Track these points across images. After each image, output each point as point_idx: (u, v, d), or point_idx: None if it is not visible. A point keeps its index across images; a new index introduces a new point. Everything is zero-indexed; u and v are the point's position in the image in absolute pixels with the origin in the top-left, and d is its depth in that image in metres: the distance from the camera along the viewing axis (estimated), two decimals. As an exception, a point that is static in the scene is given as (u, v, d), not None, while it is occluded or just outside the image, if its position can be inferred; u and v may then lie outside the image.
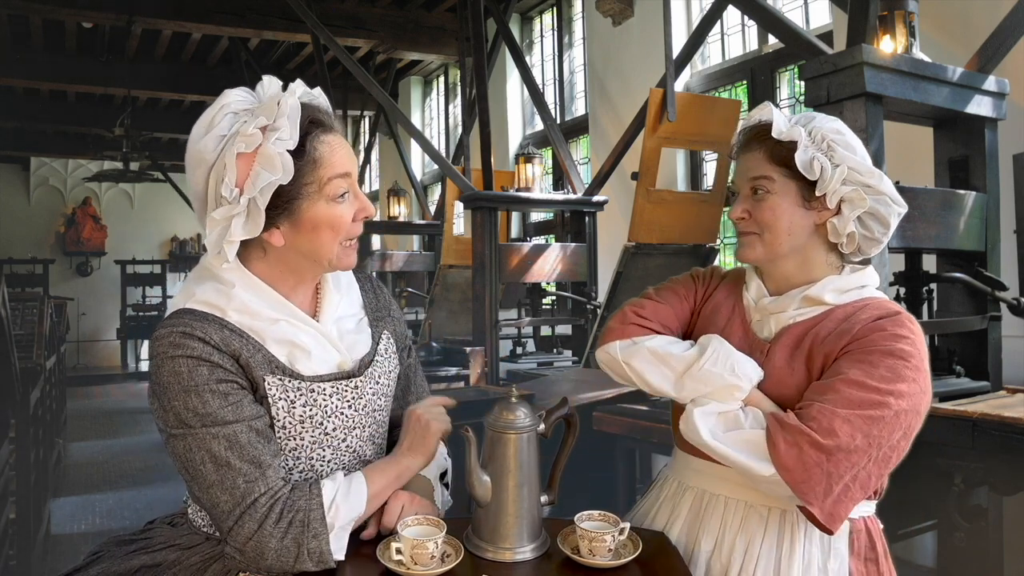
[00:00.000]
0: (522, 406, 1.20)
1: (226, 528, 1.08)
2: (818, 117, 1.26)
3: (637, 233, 3.93)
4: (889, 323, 1.18)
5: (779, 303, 1.27)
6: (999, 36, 2.64)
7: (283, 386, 1.15)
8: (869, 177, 1.22)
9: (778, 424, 1.13)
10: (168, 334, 1.10)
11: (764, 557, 1.21)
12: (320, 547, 1.07)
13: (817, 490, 1.09)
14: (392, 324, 1.36)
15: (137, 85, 8.00)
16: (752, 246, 1.27)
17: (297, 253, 1.17)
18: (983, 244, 2.67)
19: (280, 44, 7.67)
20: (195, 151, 1.12)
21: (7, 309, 3.50)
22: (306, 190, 1.13)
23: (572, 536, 1.17)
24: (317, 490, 1.10)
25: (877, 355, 1.14)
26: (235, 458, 1.07)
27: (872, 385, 1.12)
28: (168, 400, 1.09)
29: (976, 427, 2.14)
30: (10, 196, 12.67)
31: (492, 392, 3.64)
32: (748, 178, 1.27)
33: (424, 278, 6.99)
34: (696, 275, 1.43)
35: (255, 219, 1.11)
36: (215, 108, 1.13)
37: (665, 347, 1.27)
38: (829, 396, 1.13)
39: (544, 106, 5.37)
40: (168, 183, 10.66)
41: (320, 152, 1.14)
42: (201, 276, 1.18)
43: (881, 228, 1.25)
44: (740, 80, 4.92)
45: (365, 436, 1.25)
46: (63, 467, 6.26)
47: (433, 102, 8.94)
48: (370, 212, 1.20)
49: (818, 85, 2.38)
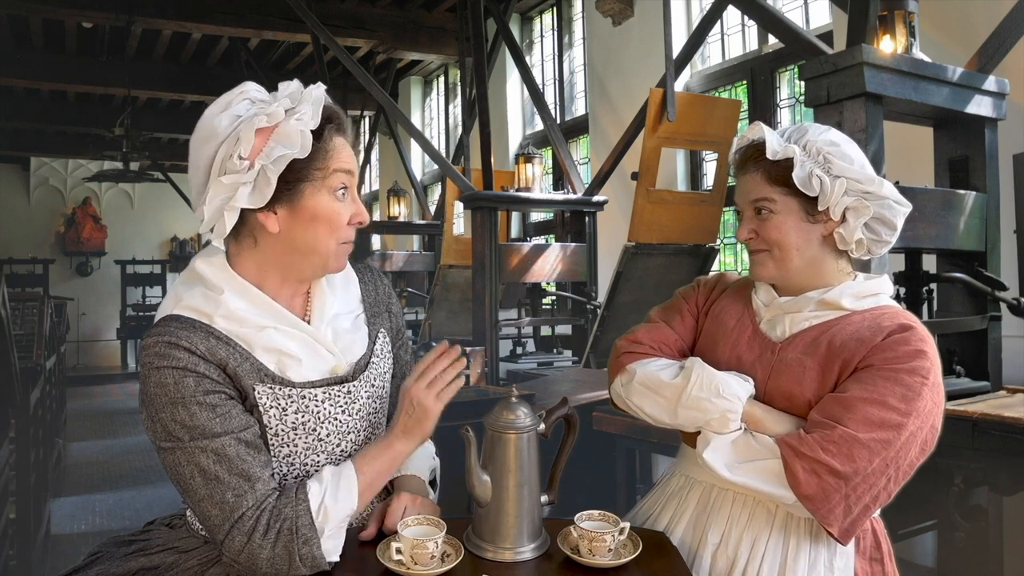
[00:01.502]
0: (522, 406, 1.20)
1: (218, 540, 1.08)
2: (811, 130, 1.25)
3: (637, 233, 3.93)
4: (912, 336, 1.18)
5: (795, 303, 1.27)
6: (999, 36, 2.64)
7: (274, 394, 1.14)
8: (869, 184, 1.22)
9: (793, 452, 1.13)
10: (154, 344, 1.09)
11: (770, 552, 1.21)
12: (311, 552, 1.07)
13: (837, 512, 1.11)
14: (389, 320, 1.34)
15: (137, 85, 7.99)
16: (764, 264, 1.28)
17: (290, 246, 1.15)
18: (983, 244, 2.67)
19: (280, 44, 7.67)
20: (207, 126, 1.12)
21: (7, 309, 3.50)
22: (314, 175, 1.13)
23: (572, 536, 1.17)
24: (303, 495, 1.08)
25: (899, 372, 1.14)
26: (224, 471, 1.07)
27: (892, 405, 1.12)
28: (156, 412, 1.08)
29: (976, 427, 2.15)
30: (10, 196, 12.67)
31: (492, 392, 3.64)
32: (749, 200, 1.27)
33: (424, 278, 7.00)
34: (700, 281, 1.45)
35: (262, 189, 1.10)
36: (233, 92, 1.14)
37: (655, 376, 1.27)
38: (849, 416, 1.13)
39: (544, 106, 5.38)
40: (168, 183, 10.67)
41: (333, 144, 1.15)
42: (189, 280, 1.17)
43: (888, 231, 1.25)
44: (740, 80, 4.92)
45: (360, 440, 1.24)
46: (63, 467, 6.25)
47: (433, 102, 8.94)
48: (364, 219, 1.19)
49: (818, 85, 2.38)
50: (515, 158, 5.92)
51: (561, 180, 6.11)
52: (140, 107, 9.26)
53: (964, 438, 2.15)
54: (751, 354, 1.28)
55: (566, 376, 4.12)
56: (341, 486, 1.11)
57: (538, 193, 5.18)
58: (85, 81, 7.95)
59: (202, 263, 1.16)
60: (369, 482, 1.15)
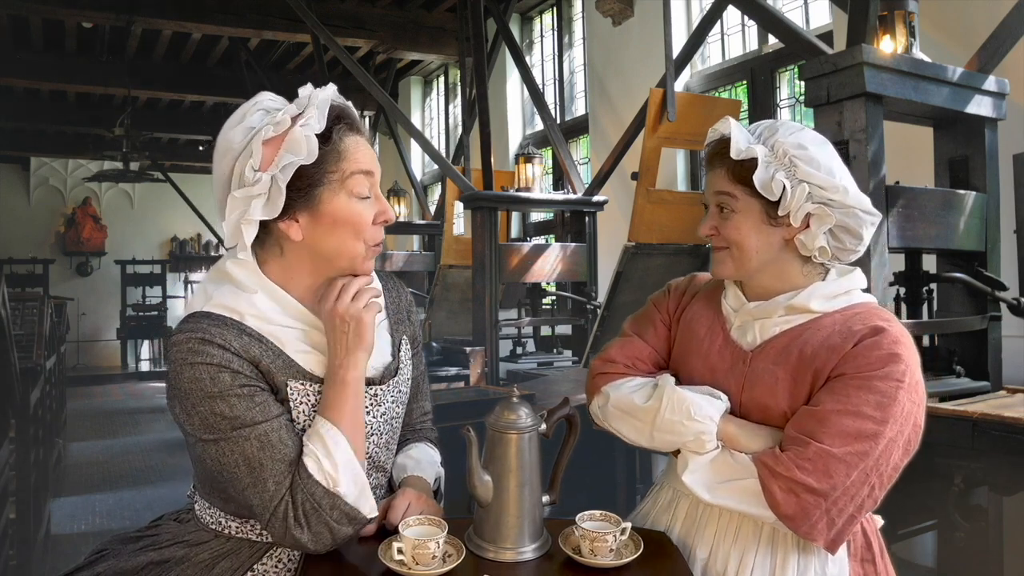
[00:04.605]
0: (523, 406, 1.20)
1: (264, 525, 1.10)
2: (781, 130, 1.21)
3: (637, 233, 3.93)
4: (883, 340, 1.14)
5: (763, 309, 1.24)
6: (999, 36, 2.65)
7: (305, 391, 1.14)
8: (834, 192, 1.17)
9: (769, 472, 1.11)
10: (186, 340, 1.08)
11: (759, 568, 1.19)
12: (344, 513, 1.08)
13: (819, 527, 1.10)
14: (410, 328, 1.34)
15: (137, 85, 8.00)
16: (724, 263, 1.25)
17: (316, 252, 1.14)
18: (983, 244, 2.67)
19: (280, 44, 7.67)
20: (224, 140, 1.12)
21: (7, 309, 3.50)
22: (328, 178, 1.12)
23: (573, 536, 1.17)
24: (305, 472, 1.08)
25: (872, 379, 1.12)
26: (267, 458, 1.07)
27: (867, 414, 1.10)
28: (192, 406, 1.08)
29: (976, 427, 2.15)
30: (10, 196, 12.67)
31: (492, 392, 3.64)
32: (713, 193, 1.25)
33: (424, 278, 7.00)
34: (671, 287, 1.42)
35: (275, 200, 1.09)
36: (249, 104, 1.14)
37: (629, 399, 1.26)
38: (823, 431, 1.11)
39: (544, 106, 5.38)
40: (168, 183, 10.66)
41: (345, 144, 1.13)
42: (218, 278, 1.17)
43: (853, 240, 1.21)
44: (740, 80, 4.93)
45: (382, 443, 1.24)
46: (63, 467, 6.25)
47: (433, 102, 8.94)
48: (390, 216, 1.17)
49: (818, 85, 2.38)
50: (515, 158, 5.92)
51: (561, 180, 6.12)
52: (140, 107, 9.26)
53: (964, 438, 2.15)
54: (723, 363, 1.26)
55: (566, 376, 4.12)
56: (329, 445, 1.09)
57: (538, 193, 5.18)
58: (85, 81, 7.95)
59: (232, 264, 1.15)
60: (349, 425, 1.12)
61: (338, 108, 1.15)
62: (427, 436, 1.41)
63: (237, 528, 1.17)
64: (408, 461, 1.32)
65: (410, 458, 1.33)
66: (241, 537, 1.17)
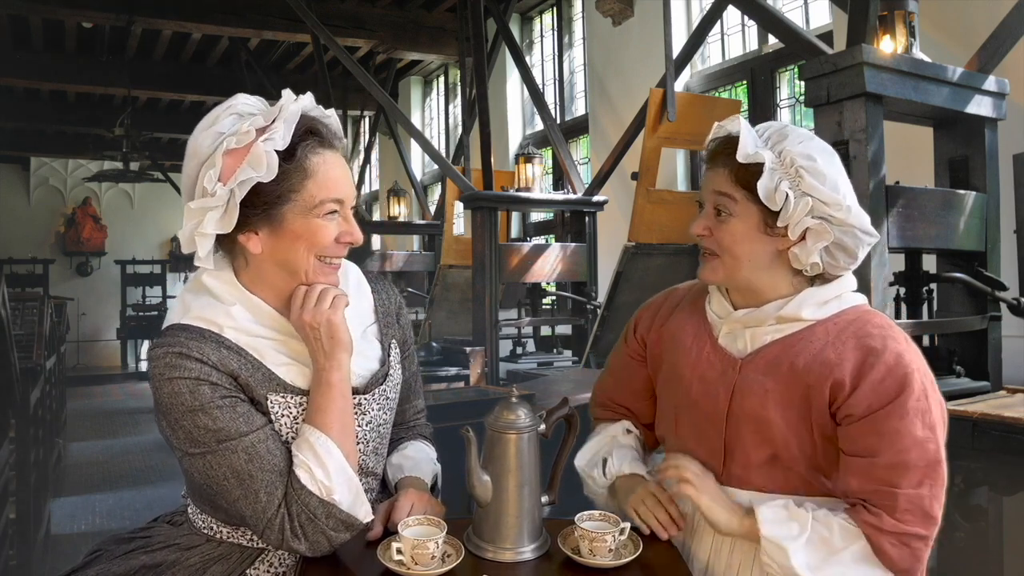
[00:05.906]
0: (522, 406, 1.20)
1: (259, 535, 1.10)
2: (791, 136, 1.18)
3: (637, 233, 3.93)
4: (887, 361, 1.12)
5: (754, 317, 1.21)
6: (999, 36, 2.64)
7: (286, 403, 1.13)
8: (836, 209, 1.14)
9: (877, 531, 1.09)
10: (164, 354, 1.07)
11: (759, 567, 1.17)
12: (340, 520, 1.08)
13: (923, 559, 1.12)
14: (400, 331, 1.31)
15: (137, 85, 8.00)
16: (713, 269, 1.22)
17: (273, 264, 1.12)
18: (983, 244, 2.67)
19: (280, 44, 7.67)
20: (193, 144, 1.10)
21: (7, 309, 3.50)
22: (291, 197, 1.08)
23: (572, 536, 1.17)
24: (298, 483, 1.07)
25: (904, 404, 1.11)
26: (256, 470, 1.07)
27: (922, 437, 1.11)
28: (175, 420, 1.07)
29: (976, 427, 2.15)
30: (10, 196, 12.68)
31: (492, 392, 3.64)
32: (712, 192, 1.21)
33: (424, 278, 7.00)
34: (638, 315, 1.41)
35: (231, 214, 1.07)
36: (222, 108, 1.11)
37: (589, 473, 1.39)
38: (900, 476, 1.10)
39: (544, 106, 5.38)
40: (168, 183, 10.66)
41: (312, 163, 1.09)
42: (196, 289, 1.15)
43: (848, 258, 1.18)
44: (740, 80, 4.93)
45: (369, 450, 1.23)
46: (63, 467, 6.26)
47: (433, 102, 8.94)
48: (356, 239, 1.14)
49: (818, 85, 2.38)
50: (515, 158, 5.92)
51: (561, 180, 6.12)
52: (140, 107, 9.26)
53: (964, 438, 2.15)
54: (713, 371, 1.24)
55: (566, 376, 4.12)
56: (320, 453, 1.09)
57: (538, 193, 5.18)
58: (85, 81, 7.96)
59: (208, 276, 1.14)
60: (339, 429, 1.11)
61: (308, 122, 1.11)
62: (421, 432, 1.40)
63: (228, 533, 1.17)
64: (404, 460, 1.31)
65: (406, 457, 1.32)
66: (232, 542, 1.17)
